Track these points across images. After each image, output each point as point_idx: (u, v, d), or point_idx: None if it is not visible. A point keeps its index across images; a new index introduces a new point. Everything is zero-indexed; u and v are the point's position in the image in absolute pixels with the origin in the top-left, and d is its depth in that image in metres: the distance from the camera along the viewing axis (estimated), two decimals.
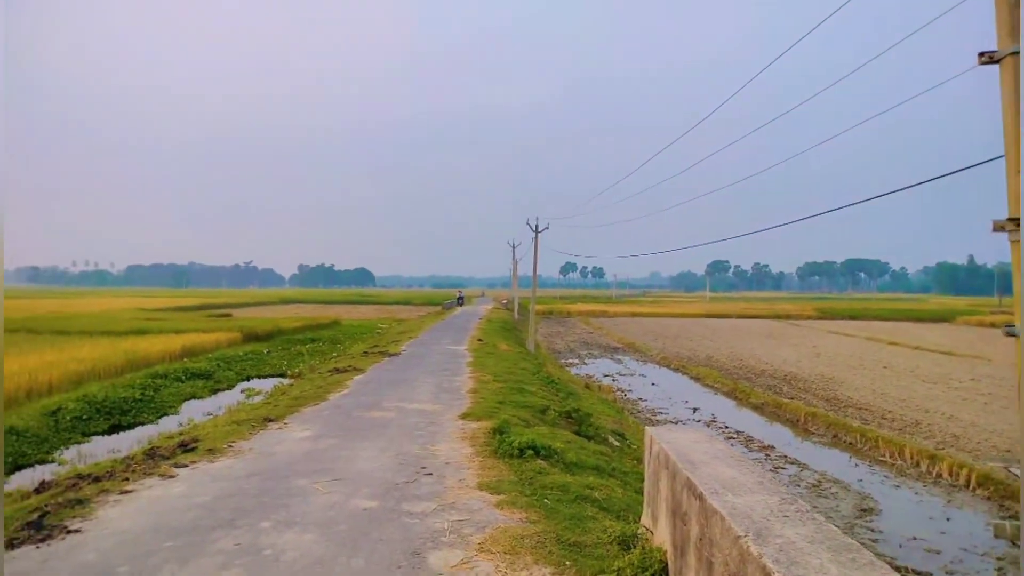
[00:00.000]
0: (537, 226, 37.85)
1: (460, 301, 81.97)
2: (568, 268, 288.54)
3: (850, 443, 17.72)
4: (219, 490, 7.23)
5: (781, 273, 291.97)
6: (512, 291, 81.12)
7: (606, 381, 27.92)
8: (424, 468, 8.18)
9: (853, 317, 76.08)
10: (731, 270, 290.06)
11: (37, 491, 8.73)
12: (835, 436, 18.54)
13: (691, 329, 57.23)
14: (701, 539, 3.91)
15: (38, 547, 5.66)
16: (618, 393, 25.05)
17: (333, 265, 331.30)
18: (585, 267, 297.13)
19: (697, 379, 29.43)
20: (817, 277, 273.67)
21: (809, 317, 78.12)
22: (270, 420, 11.63)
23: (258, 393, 20.57)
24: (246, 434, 10.44)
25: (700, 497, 3.97)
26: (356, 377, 17.73)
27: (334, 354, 29.78)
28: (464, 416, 11.87)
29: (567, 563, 5.24)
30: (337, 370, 19.88)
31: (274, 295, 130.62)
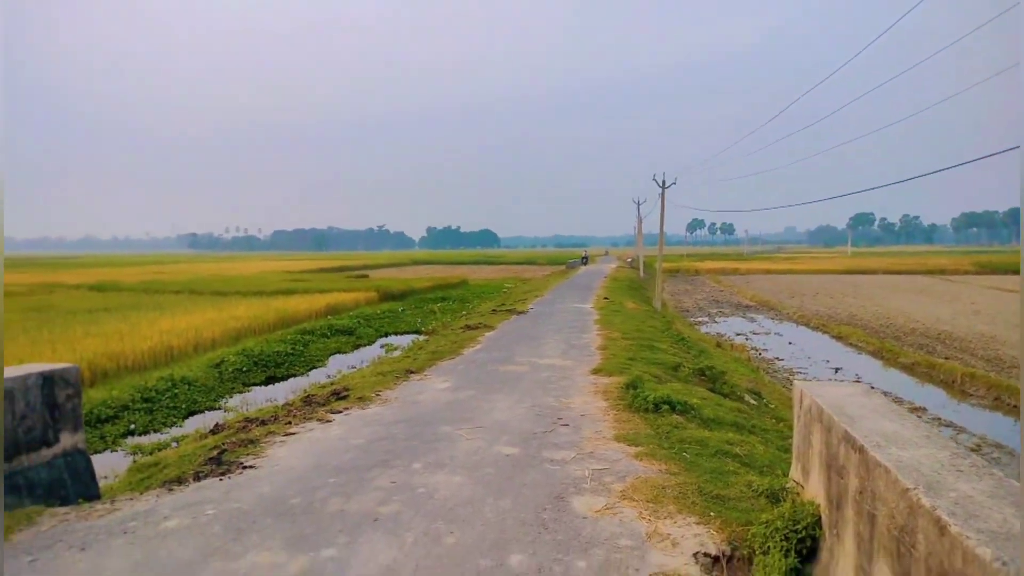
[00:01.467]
0: (664, 181, 36.82)
1: (584, 260, 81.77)
2: (695, 225, 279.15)
3: (1015, 406, 16.22)
4: (372, 434, 7.75)
5: (933, 225, 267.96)
6: (637, 249, 79.84)
7: (739, 340, 27.03)
8: (560, 419, 8.35)
9: (1018, 272, 68.67)
10: (876, 223, 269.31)
11: (213, 432, 9.73)
12: (997, 399, 17.02)
13: (831, 286, 53.99)
14: (861, 492, 3.75)
15: (220, 479, 6.34)
16: (752, 352, 24.20)
17: (459, 227, 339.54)
18: (713, 224, 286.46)
19: (839, 338, 27.84)
20: (975, 229, 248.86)
21: (966, 272, 71.36)
22: (411, 372, 12.25)
23: (396, 348, 21.65)
24: (391, 384, 11.06)
25: (860, 450, 3.80)
26: (487, 333, 18.22)
27: (463, 312, 30.68)
28: (595, 371, 11.93)
29: (711, 514, 5.20)
30: (469, 327, 20.50)
31: (405, 257, 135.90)
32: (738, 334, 29.00)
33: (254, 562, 4.38)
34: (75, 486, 6.69)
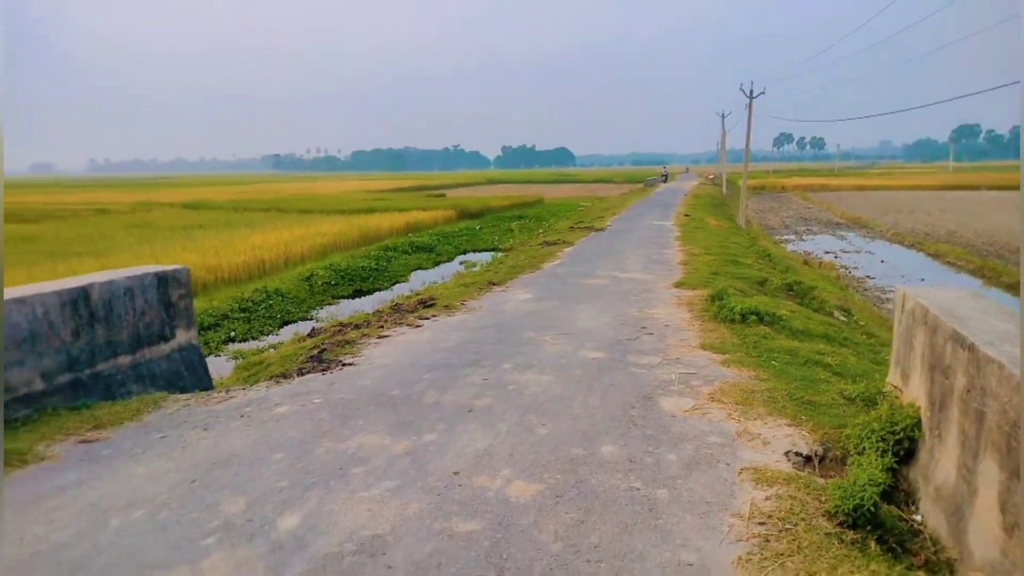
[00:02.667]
0: (751, 91, 35.00)
1: (665, 178, 79.63)
2: (783, 140, 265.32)
3: None
4: (460, 338, 8.00)
5: None
6: (720, 166, 77.00)
7: (827, 258, 26.07)
8: (644, 328, 8.37)
9: None
10: (982, 135, 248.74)
11: (310, 335, 10.27)
12: None
13: (929, 203, 50.88)
14: (969, 390, 3.65)
15: (322, 374, 6.72)
16: (841, 270, 23.34)
17: (534, 146, 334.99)
18: (802, 138, 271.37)
19: (935, 256, 26.44)
20: None
21: None
22: (494, 284, 12.46)
23: (474, 265, 21.96)
24: (474, 295, 11.30)
25: (971, 348, 3.67)
26: (566, 249, 18.22)
27: (540, 230, 30.65)
28: (678, 285, 11.82)
29: (803, 417, 5.18)
30: (547, 243, 20.53)
31: (480, 176, 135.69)
32: (827, 252, 27.94)
33: (361, 443, 4.69)
34: (191, 378, 7.25)
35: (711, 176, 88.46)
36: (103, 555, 3.34)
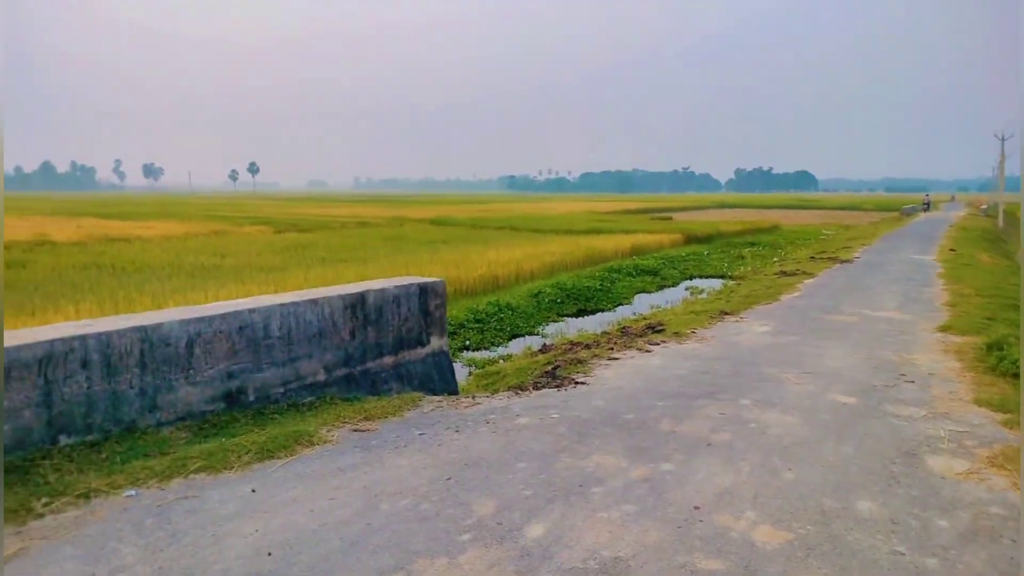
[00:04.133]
0: None
1: (926, 207, 71.17)
2: None
3: None
4: (692, 367, 7.84)
5: None
6: (995, 195, 67.06)
7: None
8: (903, 375, 7.55)
9: None
10: None
11: (542, 351, 10.69)
12: None
13: None
14: None
15: (556, 390, 6.97)
16: None
17: (771, 168, 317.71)
18: None
19: None
20: None
21: None
22: (726, 313, 12.01)
23: (701, 291, 21.34)
24: (705, 323, 10.99)
25: None
26: (806, 280, 17.03)
27: (776, 258, 28.96)
28: (943, 329, 10.49)
29: None
30: (784, 273, 19.35)
31: (710, 199, 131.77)
32: None
33: (599, 462, 4.79)
34: (440, 381, 7.91)
35: (983, 206, 77.34)
36: (376, 536, 3.77)
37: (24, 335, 4.92)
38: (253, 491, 4.32)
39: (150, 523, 3.88)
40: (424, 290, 7.71)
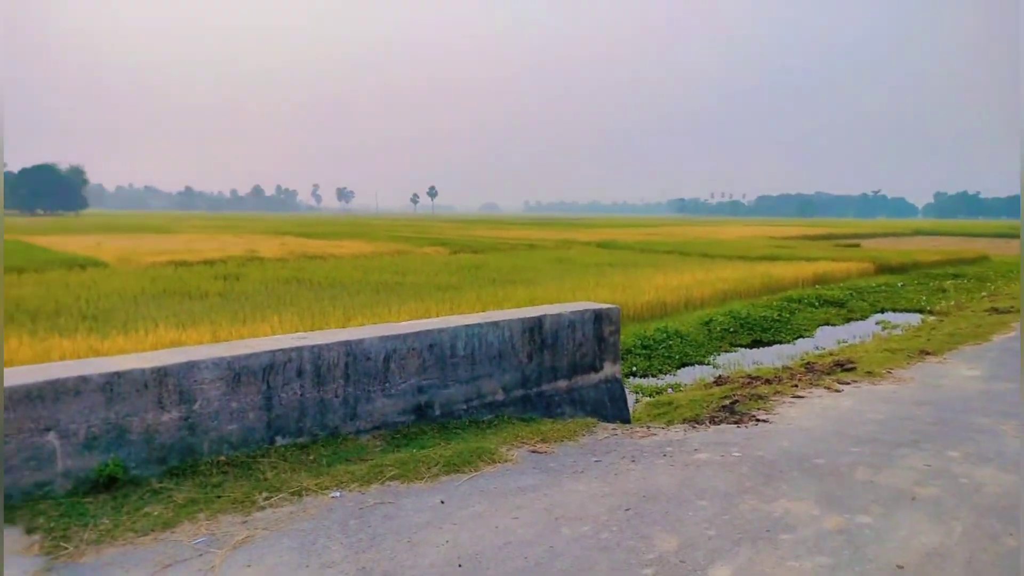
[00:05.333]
0: None
1: None
2: None
3: None
4: (890, 411, 7.21)
5: None
6: None
7: None
8: None
9: None
10: None
11: (716, 383, 10.34)
12: None
13: None
14: None
15: (736, 426, 6.71)
16: None
17: (979, 193, 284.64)
18: None
19: None
20: None
21: None
22: (926, 353, 10.94)
23: (895, 327, 19.55)
24: (903, 363, 10.07)
25: None
26: None
27: (984, 293, 25.91)
28: None
29: None
30: (996, 310, 17.31)
31: (905, 226, 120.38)
32: None
33: (787, 508, 4.56)
34: (612, 408, 7.91)
35: None
36: (558, 560, 3.85)
37: (252, 344, 5.60)
38: (442, 502, 4.58)
39: (353, 524, 4.24)
40: (599, 316, 7.78)
